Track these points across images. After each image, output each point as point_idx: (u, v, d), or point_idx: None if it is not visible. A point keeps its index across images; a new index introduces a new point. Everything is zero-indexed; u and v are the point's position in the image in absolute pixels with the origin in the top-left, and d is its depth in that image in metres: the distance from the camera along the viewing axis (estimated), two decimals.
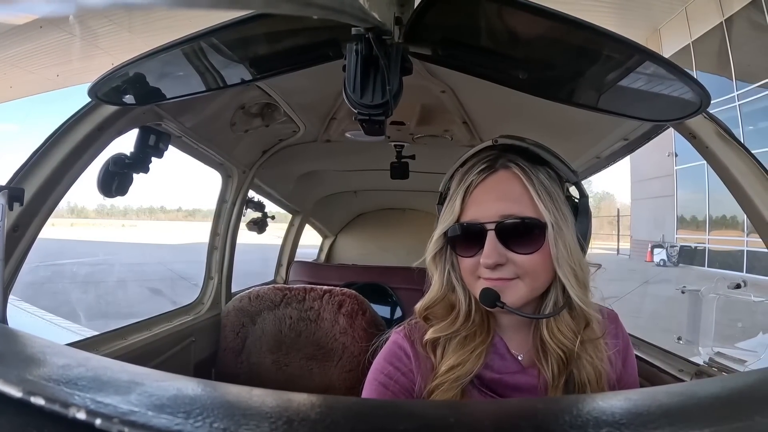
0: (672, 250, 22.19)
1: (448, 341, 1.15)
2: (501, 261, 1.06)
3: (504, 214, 1.07)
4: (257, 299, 2.56)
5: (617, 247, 31.29)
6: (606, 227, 37.82)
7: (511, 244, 1.06)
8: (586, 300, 1.10)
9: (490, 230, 1.07)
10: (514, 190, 1.09)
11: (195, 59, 1.10)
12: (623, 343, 1.21)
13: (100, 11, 7.78)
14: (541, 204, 1.07)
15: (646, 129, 1.83)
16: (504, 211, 1.07)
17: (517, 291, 1.07)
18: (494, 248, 1.06)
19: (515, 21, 0.94)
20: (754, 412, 0.41)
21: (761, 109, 17.10)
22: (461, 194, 1.11)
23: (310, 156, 2.95)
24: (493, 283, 1.06)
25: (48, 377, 0.43)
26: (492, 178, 1.11)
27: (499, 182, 1.10)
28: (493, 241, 1.06)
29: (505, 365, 1.15)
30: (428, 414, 0.45)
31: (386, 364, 1.19)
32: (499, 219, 1.07)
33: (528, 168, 1.10)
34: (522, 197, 1.08)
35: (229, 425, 0.36)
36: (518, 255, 1.06)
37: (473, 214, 1.10)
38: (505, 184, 1.10)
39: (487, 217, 1.07)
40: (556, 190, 1.11)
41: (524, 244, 1.07)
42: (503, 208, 1.07)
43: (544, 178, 1.10)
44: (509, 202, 1.08)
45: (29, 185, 1.38)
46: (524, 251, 1.06)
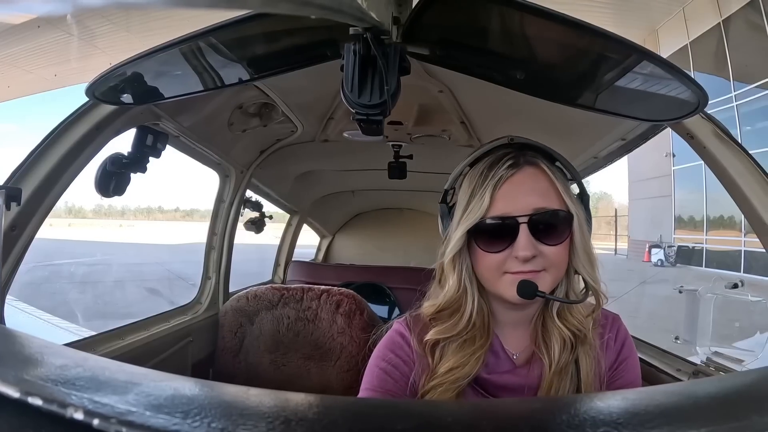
0: (669, 250, 22.23)
1: (448, 343, 1.16)
2: (535, 253, 1.08)
3: (536, 208, 1.09)
4: (255, 299, 2.56)
5: (615, 247, 31.33)
6: (604, 227, 37.84)
7: (541, 237, 1.09)
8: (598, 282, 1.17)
9: (523, 223, 1.09)
10: (541, 184, 1.13)
11: (193, 59, 1.10)
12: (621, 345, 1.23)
13: (98, 11, 7.72)
14: (567, 198, 1.13)
15: (643, 129, 1.83)
16: (536, 205, 1.09)
17: (544, 282, 1.10)
18: (528, 240, 1.08)
19: (513, 21, 0.95)
20: (751, 411, 0.41)
21: (759, 109, 17.14)
22: (490, 189, 1.11)
23: (308, 156, 2.95)
24: (524, 275, 1.09)
25: (45, 377, 0.43)
26: (520, 173, 1.12)
27: (528, 177, 1.13)
28: (527, 233, 1.08)
29: (498, 364, 1.17)
30: (426, 413, 0.45)
31: (388, 352, 1.21)
32: (531, 212, 1.09)
33: (548, 165, 1.15)
34: (549, 191, 1.12)
35: (226, 425, 0.36)
36: (547, 247, 1.09)
37: (504, 209, 1.10)
38: (533, 179, 1.13)
39: (519, 210, 1.09)
40: (570, 187, 1.17)
41: (553, 236, 1.10)
42: (534, 201, 1.10)
43: (560, 175, 1.16)
44: (539, 196, 1.11)
45: (27, 185, 1.38)
46: (553, 243, 1.10)
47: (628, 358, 1.22)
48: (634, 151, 2.11)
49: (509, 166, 1.12)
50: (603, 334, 1.21)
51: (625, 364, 1.21)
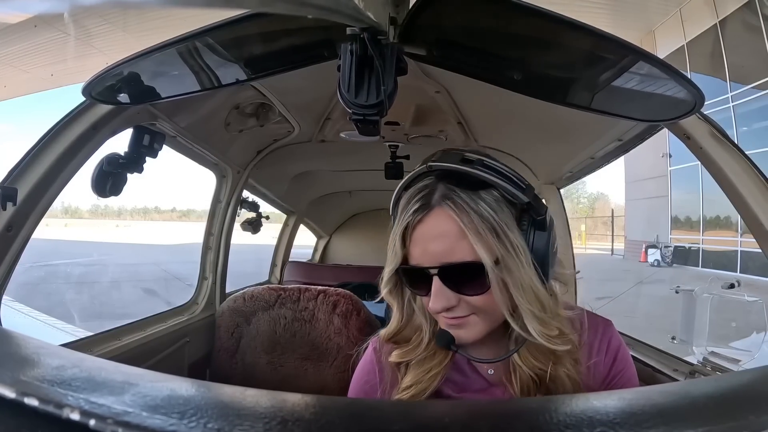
0: (666, 251, 22.26)
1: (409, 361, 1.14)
2: (450, 304, 1.01)
3: (443, 261, 1.00)
4: (252, 300, 2.56)
5: (611, 247, 31.37)
6: (600, 228, 37.96)
7: (458, 287, 1.01)
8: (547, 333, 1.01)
9: (434, 275, 1.01)
10: (451, 231, 1.00)
11: (190, 59, 1.10)
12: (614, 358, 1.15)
13: (95, 10, 7.71)
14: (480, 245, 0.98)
15: (640, 129, 1.84)
16: (443, 258, 1.00)
17: (474, 327, 1.03)
18: (441, 293, 1.01)
19: (510, 22, 0.95)
20: (748, 411, 0.42)
21: (755, 110, 17.18)
22: (400, 237, 1.05)
23: (305, 156, 2.95)
24: (449, 321, 1.03)
25: (42, 378, 0.43)
26: (428, 218, 1.02)
27: (435, 224, 1.02)
28: (439, 286, 1.01)
29: (467, 382, 1.15)
30: (423, 414, 0.45)
31: (363, 374, 1.24)
32: (439, 264, 1.00)
33: (466, 201, 1.00)
34: (460, 239, 1.00)
35: (223, 425, 0.36)
36: (468, 296, 1.01)
37: (416, 258, 1.04)
38: (442, 225, 1.01)
39: (428, 262, 1.01)
40: (503, 219, 1.00)
41: (471, 286, 1.01)
42: (441, 254, 1.00)
43: (485, 208, 1.00)
44: (447, 247, 1.00)
45: (23, 185, 1.38)
46: (472, 293, 1.01)
47: (623, 370, 1.15)
48: (631, 152, 2.11)
49: (416, 210, 1.02)
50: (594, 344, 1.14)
51: (620, 377, 1.15)
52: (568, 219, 2.90)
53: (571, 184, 3.01)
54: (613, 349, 1.16)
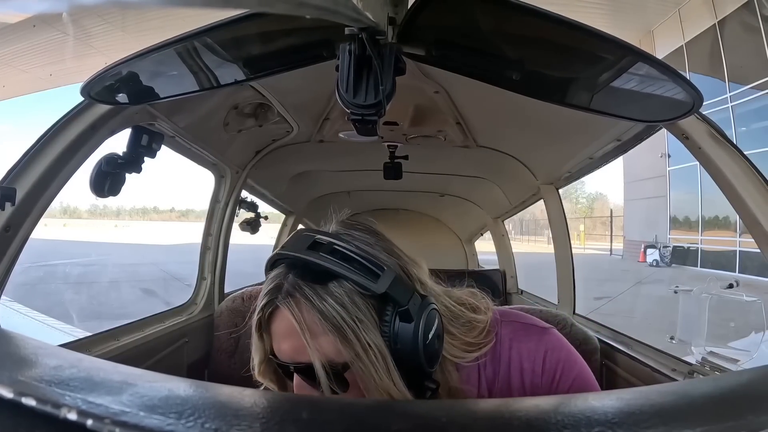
0: (665, 251, 22.29)
1: None
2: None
3: (296, 360, 0.95)
4: (250, 300, 2.55)
5: (610, 247, 31.40)
6: (599, 228, 37.98)
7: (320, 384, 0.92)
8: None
9: (293, 372, 0.98)
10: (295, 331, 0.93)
11: (188, 59, 1.10)
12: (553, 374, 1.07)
13: (94, 10, 7.71)
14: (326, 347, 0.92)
15: (639, 130, 1.84)
16: (295, 357, 0.95)
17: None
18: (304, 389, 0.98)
19: (509, 22, 0.95)
20: (746, 410, 0.42)
21: (754, 110, 17.20)
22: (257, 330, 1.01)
23: (304, 156, 2.95)
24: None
25: (40, 378, 0.43)
26: (276, 316, 0.97)
27: (281, 322, 0.96)
28: (299, 382, 0.98)
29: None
30: (421, 414, 0.45)
31: None
32: (293, 363, 0.95)
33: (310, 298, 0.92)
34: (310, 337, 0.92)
35: (220, 425, 0.36)
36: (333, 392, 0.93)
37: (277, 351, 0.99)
38: (287, 323, 0.95)
39: (285, 358, 0.96)
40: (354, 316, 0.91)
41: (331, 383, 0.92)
42: (292, 352, 0.95)
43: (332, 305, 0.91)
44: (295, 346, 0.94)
45: (21, 185, 1.37)
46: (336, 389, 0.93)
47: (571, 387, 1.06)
48: (630, 152, 2.11)
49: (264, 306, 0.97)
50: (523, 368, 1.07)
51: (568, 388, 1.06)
52: (567, 219, 2.90)
53: (569, 184, 3.02)
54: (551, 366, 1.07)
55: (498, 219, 4.41)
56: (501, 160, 2.75)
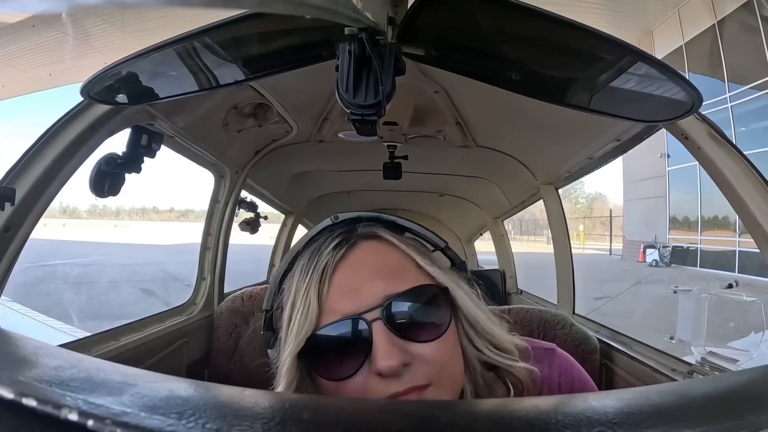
0: (664, 251, 22.31)
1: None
2: (407, 360, 0.75)
3: (389, 293, 0.78)
4: (250, 300, 2.55)
5: (610, 247, 31.43)
6: (599, 228, 38.00)
7: (410, 333, 0.78)
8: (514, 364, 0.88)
9: (376, 321, 0.77)
10: (389, 260, 0.85)
11: (188, 59, 1.10)
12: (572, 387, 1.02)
13: (93, 9, 7.72)
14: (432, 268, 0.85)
15: (638, 130, 1.84)
16: (388, 290, 0.79)
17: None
18: (390, 344, 0.75)
19: (508, 22, 0.94)
20: (746, 410, 0.42)
21: (753, 110, 17.22)
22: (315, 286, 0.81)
23: (303, 156, 2.95)
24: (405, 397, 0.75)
25: (40, 378, 0.43)
26: (355, 252, 0.85)
27: (366, 255, 0.85)
28: (385, 335, 0.76)
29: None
30: (421, 414, 0.45)
31: None
32: (383, 301, 0.78)
33: (393, 235, 0.89)
34: (402, 267, 0.84)
35: (221, 426, 0.36)
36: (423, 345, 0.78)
37: (341, 308, 0.79)
38: (375, 254, 0.85)
39: (365, 304, 0.78)
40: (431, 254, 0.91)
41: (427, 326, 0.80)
42: (383, 286, 0.79)
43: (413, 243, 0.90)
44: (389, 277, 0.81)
45: (20, 185, 1.37)
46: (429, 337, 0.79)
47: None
48: (629, 152, 2.11)
49: (336, 246, 0.84)
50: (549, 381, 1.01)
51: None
52: (567, 219, 2.90)
53: (569, 184, 3.02)
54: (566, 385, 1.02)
55: (497, 219, 4.41)
56: (500, 160, 2.75)
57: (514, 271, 4.31)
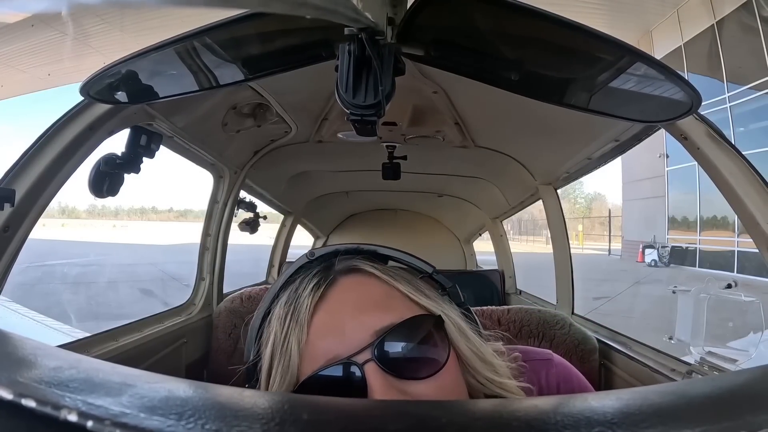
0: (663, 251, 22.32)
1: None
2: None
3: (378, 329, 0.74)
4: (249, 300, 2.55)
5: (608, 247, 31.44)
6: (597, 228, 38.00)
7: (407, 371, 0.73)
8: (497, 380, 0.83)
9: (368, 362, 0.72)
10: (372, 293, 0.81)
11: (187, 59, 1.09)
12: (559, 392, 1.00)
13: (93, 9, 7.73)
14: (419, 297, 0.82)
15: (637, 130, 1.84)
16: (376, 325, 0.74)
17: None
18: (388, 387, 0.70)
19: (508, 22, 0.94)
20: (745, 411, 0.42)
21: (752, 110, 17.23)
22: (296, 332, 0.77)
23: (302, 157, 2.95)
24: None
25: (39, 379, 0.43)
26: (333, 291, 0.80)
27: (346, 293, 0.80)
28: (381, 376, 0.71)
29: None
30: (420, 414, 0.45)
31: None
32: (373, 338, 0.73)
33: (375, 266, 0.85)
34: (389, 299, 0.80)
35: (221, 426, 0.36)
36: (423, 382, 0.73)
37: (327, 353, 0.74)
38: (356, 290, 0.81)
39: (354, 347, 0.73)
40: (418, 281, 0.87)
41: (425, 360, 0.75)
42: (370, 321, 0.75)
43: (399, 273, 0.86)
44: (374, 311, 0.77)
45: (19, 185, 1.37)
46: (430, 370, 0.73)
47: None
48: (628, 152, 2.11)
49: (313, 288, 0.80)
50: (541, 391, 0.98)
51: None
52: (565, 219, 2.90)
53: (568, 185, 3.02)
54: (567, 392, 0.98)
55: (496, 219, 4.41)
56: (499, 160, 2.75)
57: (513, 271, 4.31)
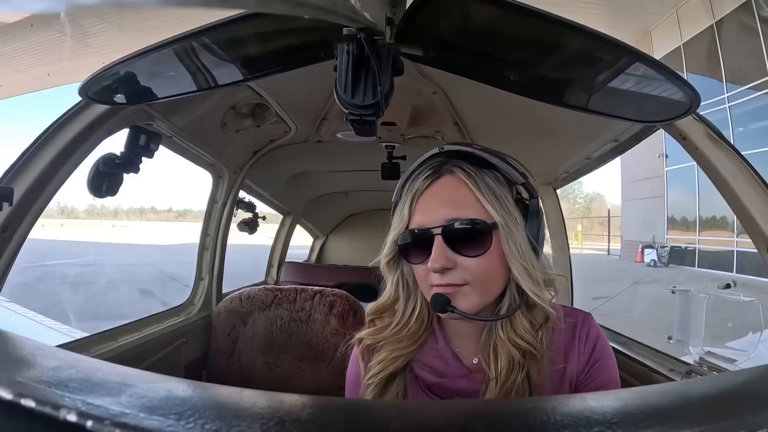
0: (662, 251, 22.31)
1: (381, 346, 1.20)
2: (449, 265, 1.06)
3: (449, 218, 1.07)
4: (248, 300, 2.56)
5: (608, 247, 31.43)
6: (597, 228, 38.01)
7: (458, 248, 1.07)
8: (542, 296, 1.10)
9: (436, 234, 1.07)
10: (458, 193, 1.10)
11: (186, 59, 1.09)
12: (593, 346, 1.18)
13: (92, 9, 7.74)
14: (488, 205, 1.09)
15: (636, 130, 1.84)
16: (449, 215, 1.08)
17: (468, 298, 1.07)
18: (441, 252, 1.06)
19: (506, 22, 0.94)
20: (743, 410, 0.42)
21: (751, 111, 17.22)
22: (408, 202, 1.14)
23: (302, 157, 2.95)
24: (443, 289, 1.07)
25: (38, 379, 0.43)
26: (437, 183, 1.12)
27: (444, 187, 1.12)
28: (440, 245, 1.06)
29: (448, 369, 1.17)
30: (419, 414, 0.45)
31: (351, 374, 1.32)
32: (444, 223, 1.07)
33: (473, 171, 1.12)
34: (467, 200, 1.09)
35: (220, 426, 0.36)
36: (466, 258, 1.06)
37: (420, 221, 1.11)
38: (450, 188, 1.11)
39: (433, 222, 1.08)
40: (503, 193, 1.12)
41: (472, 246, 1.07)
42: (448, 212, 1.08)
43: (491, 180, 1.12)
44: (454, 206, 1.09)
45: (18, 185, 1.37)
46: (472, 254, 1.07)
47: (602, 358, 1.18)
48: (627, 152, 2.12)
49: (426, 178, 1.13)
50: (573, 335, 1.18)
51: (598, 365, 1.17)
52: (565, 219, 2.90)
53: (567, 185, 3.02)
54: (592, 340, 1.18)
55: None
56: None
57: None
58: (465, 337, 1.19)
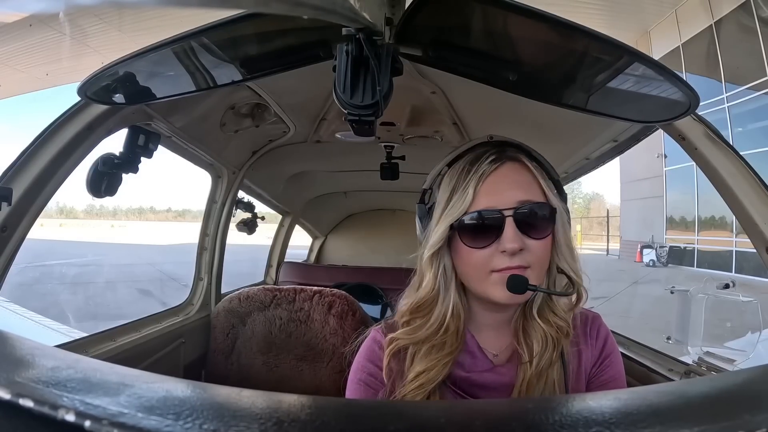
0: (661, 251, 22.31)
1: (419, 347, 1.16)
2: (522, 246, 1.07)
3: (521, 200, 1.09)
4: (247, 300, 2.55)
5: (607, 247, 31.44)
6: (596, 228, 38.01)
7: (527, 230, 1.09)
8: (581, 277, 1.15)
9: (508, 216, 1.08)
10: (524, 178, 1.13)
11: (185, 59, 1.09)
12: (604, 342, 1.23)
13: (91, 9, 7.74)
14: (548, 191, 1.14)
15: (635, 130, 1.84)
16: (520, 197, 1.09)
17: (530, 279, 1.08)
18: (515, 233, 1.07)
19: (505, 23, 0.94)
20: (743, 410, 0.42)
21: (750, 111, 17.23)
22: (473, 183, 1.11)
23: (301, 157, 2.95)
24: (512, 271, 1.07)
25: (37, 379, 0.43)
26: (503, 167, 1.13)
27: (511, 171, 1.13)
28: (513, 226, 1.07)
29: (475, 363, 1.17)
30: (419, 415, 0.45)
31: (365, 362, 1.22)
32: (516, 205, 1.08)
33: (529, 161, 1.15)
34: (532, 186, 1.13)
35: (219, 426, 0.36)
36: (533, 241, 1.09)
37: (488, 203, 1.10)
38: (517, 173, 1.13)
39: (504, 204, 1.09)
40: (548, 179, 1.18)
41: (538, 229, 1.10)
42: (519, 194, 1.10)
43: (541, 170, 1.17)
44: (523, 190, 1.11)
45: (17, 185, 1.37)
46: (538, 236, 1.09)
47: (611, 354, 1.22)
48: (627, 153, 2.12)
49: (492, 161, 1.12)
50: (585, 332, 1.22)
51: (608, 360, 1.21)
52: None
53: (566, 185, 3.02)
54: (603, 336, 1.23)
55: None
56: None
57: None
58: (489, 329, 1.20)
